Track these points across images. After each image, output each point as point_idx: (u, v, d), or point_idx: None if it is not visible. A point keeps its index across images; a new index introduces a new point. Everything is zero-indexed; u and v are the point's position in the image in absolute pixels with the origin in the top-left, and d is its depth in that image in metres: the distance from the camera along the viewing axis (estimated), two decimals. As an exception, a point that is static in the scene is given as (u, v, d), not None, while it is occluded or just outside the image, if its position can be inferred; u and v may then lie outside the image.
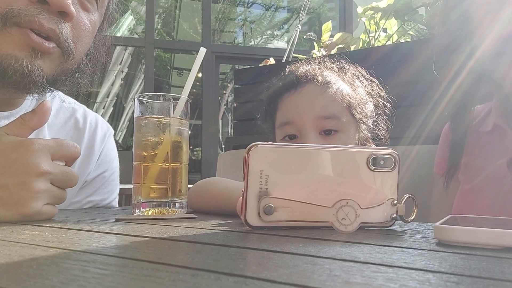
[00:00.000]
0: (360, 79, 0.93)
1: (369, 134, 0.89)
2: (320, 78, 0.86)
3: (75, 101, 0.96)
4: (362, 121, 0.87)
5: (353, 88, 0.89)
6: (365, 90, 0.92)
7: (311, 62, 0.95)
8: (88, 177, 0.92)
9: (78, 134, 0.91)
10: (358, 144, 0.85)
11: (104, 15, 0.82)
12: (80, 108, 0.95)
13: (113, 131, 1.01)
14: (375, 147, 0.80)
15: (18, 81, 0.66)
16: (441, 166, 0.88)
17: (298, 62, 0.97)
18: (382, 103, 0.92)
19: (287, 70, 0.94)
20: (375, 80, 0.94)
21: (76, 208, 0.89)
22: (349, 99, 0.85)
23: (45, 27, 0.65)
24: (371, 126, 0.90)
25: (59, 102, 0.91)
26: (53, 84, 0.75)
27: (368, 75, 0.95)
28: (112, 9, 0.84)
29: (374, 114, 0.91)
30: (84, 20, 0.73)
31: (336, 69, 0.92)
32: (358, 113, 0.86)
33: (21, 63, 0.65)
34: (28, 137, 0.61)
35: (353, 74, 0.93)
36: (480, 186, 0.78)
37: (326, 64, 0.93)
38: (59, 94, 0.90)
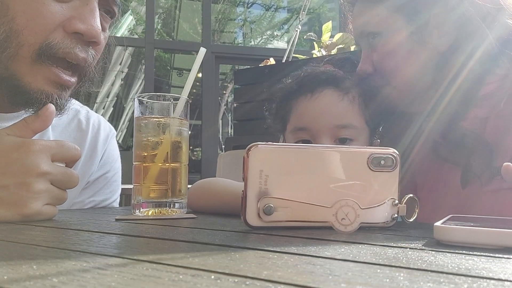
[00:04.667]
0: None
1: (379, 140, 0.88)
2: (338, 84, 0.83)
3: (78, 102, 0.96)
4: (375, 129, 0.86)
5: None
6: None
7: (328, 65, 0.91)
8: (90, 178, 0.93)
9: (81, 135, 0.92)
10: None
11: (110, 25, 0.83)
12: (83, 110, 0.95)
13: (115, 132, 1.01)
14: (376, 147, 0.79)
15: None
16: None
17: (314, 64, 0.93)
18: None
19: (303, 71, 0.91)
20: None
21: (77, 208, 0.89)
22: (364, 104, 0.83)
23: (80, 57, 0.69)
24: (382, 133, 0.89)
25: None
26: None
27: None
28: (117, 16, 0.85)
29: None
30: (102, 40, 0.76)
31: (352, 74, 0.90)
32: (370, 118, 0.84)
33: (51, 99, 0.69)
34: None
35: None
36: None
37: (343, 68, 0.91)
38: None
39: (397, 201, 0.52)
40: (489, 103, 0.72)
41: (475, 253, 0.36)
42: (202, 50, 0.70)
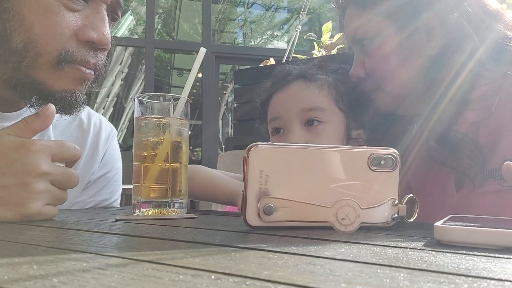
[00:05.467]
0: None
1: (362, 130, 0.88)
2: (307, 75, 0.88)
3: None
4: (355, 116, 0.86)
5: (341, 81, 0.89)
6: None
7: (300, 62, 0.99)
8: (91, 177, 0.93)
9: (83, 135, 0.92)
10: (346, 137, 0.85)
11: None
12: (85, 109, 0.95)
13: (116, 132, 1.01)
14: (376, 147, 0.79)
15: (68, 108, 0.73)
16: None
17: (287, 64, 1.00)
18: None
19: (279, 71, 0.96)
20: None
21: (78, 208, 0.89)
22: (335, 90, 0.85)
23: (91, 64, 0.72)
24: (373, 131, 0.89)
25: None
26: None
27: None
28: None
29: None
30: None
31: (326, 67, 0.93)
32: (345, 105, 0.85)
33: (75, 97, 0.72)
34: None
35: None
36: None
37: (316, 63, 0.94)
38: None
39: (397, 201, 0.52)
40: (481, 107, 0.72)
41: (475, 253, 0.36)
42: (202, 50, 0.70)
